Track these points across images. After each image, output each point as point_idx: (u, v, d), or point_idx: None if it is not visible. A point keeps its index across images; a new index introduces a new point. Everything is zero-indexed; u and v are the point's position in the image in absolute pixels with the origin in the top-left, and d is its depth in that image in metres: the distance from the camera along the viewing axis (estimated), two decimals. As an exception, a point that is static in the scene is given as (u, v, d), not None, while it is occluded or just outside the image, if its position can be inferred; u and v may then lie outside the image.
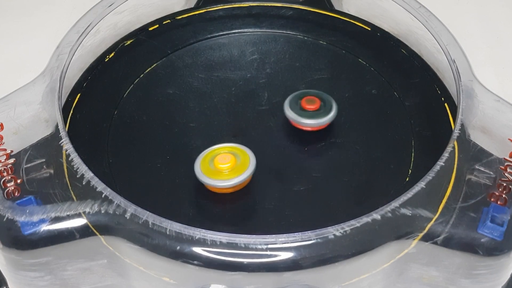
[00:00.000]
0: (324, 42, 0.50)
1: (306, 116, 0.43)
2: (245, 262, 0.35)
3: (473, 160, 0.40)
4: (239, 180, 0.40)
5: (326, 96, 0.44)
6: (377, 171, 0.42)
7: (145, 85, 0.47)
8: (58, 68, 0.43)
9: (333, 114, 0.43)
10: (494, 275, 0.39)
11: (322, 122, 0.43)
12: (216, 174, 0.40)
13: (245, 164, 0.40)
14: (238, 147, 0.41)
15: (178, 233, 0.36)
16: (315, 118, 0.43)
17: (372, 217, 0.36)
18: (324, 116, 0.43)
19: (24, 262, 0.38)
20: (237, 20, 0.51)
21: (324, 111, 0.43)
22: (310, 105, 0.43)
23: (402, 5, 0.48)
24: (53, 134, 0.40)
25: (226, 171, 0.40)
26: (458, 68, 0.43)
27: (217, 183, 0.40)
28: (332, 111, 0.43)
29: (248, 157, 0.41)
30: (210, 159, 0.41)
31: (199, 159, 0.41)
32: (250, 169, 0.40)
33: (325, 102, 0.44)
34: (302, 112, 0.43)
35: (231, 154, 0.40)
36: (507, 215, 0.37)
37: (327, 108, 0.43)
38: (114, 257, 0.39)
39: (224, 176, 0.40)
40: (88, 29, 0.46)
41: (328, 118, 0.43)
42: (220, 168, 0.40)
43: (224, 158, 0.40)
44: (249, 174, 0.40)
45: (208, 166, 0.40)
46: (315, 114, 0.43)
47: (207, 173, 0.40)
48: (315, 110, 0.43)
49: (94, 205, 0.37)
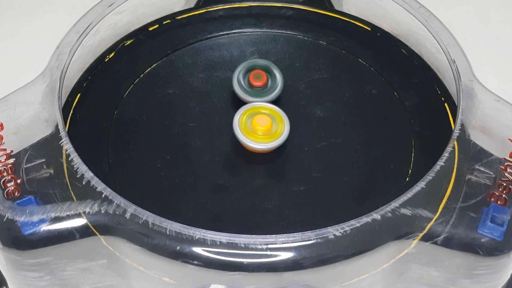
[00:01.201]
0: (324, 42, 0.50)
1: (254, 94, 0.45)
2: (245, 262, 0.36)
3: (473, 160, 0.40)
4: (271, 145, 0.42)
5: (274, 69, 0.46)
6: (377, 171, 0.42)
7: (145, 85, 0.47)
8: (58, 68, 0.43)
9: (278, 89, 0.45)
10: (494, 275, 0.39)
11: (270, 99, 0.45)
12: (250, 134, 0.42)
13: (279, 132, 0.42)
14: (277, 111, 0.43)
15: (178, 233, 0.36)
16: (262, 96, 0.45)
17: (372, 217, 0.36)
18: (271, 93, 0.45)
19: (24, 262, 0.38)
20: (237, 20, 0.51)
21: (271, 87, 0.45)
22: (257, 82, 0.45)
23: (402, 5, 0.48)
24: (53, 134, 0.40)
25: (260, 133, 0.42)
26: (458, 68, 0.43)
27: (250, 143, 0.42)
28: (278, 86, 0.45)
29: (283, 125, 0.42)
30: (248, 116, 0.43)
31: (239, 113, 0.43)
32: (283, 136, 0.42)
33: (272, 77, 0.45)
34: (250, 90, 0.45)
35: (269, 117, 0.42)
36: (507, 215, 0.37)
37: (274, 84, 0.45)
38: (114, 257, 0.39)
39: (258, 138, 0.42)
40: (88, 29, 0.46)
41: (275, 95, 0.45)
42: (256, 128, 0.42)
43: (262, 120, 0.42)
44: (281, 142, 0.42)
45: (245, 123, 0.43)
46: (262, 91, 0.45)
47: (244, 130, 0.42)
48: (262, 87, 0.45)
49: (94, 205, 0.37)
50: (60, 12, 0.63)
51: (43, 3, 0.65)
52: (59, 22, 0.60)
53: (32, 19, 0.64)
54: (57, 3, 0.65)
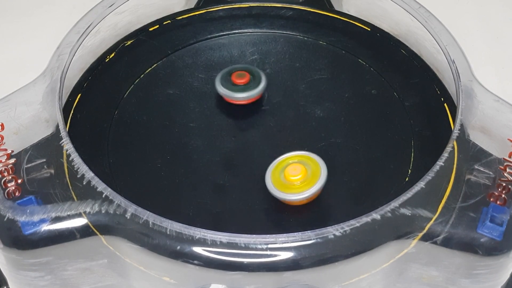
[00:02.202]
0: (324, 42, 0.50)
1: (237, 90, 0.44)
2: (245, 262, 0.36)
3: (472, 160, 0.40)
4: (311, 192, 0.39)
5: (255, 70, 0.46)
6: (377, 171, 0.42)
7: (146, 86, 0.47)
8: (59, 68, 0.43)
9: (263, 86, 0.45)
10: (493, 275, 0.39)
11: (254, 95, 0.45)
12: (286, 187, 0.39)
13: (316, 175, 0.39)
14: (308, 155, 0.40)
15: (178, 233, 0.36)
16: (246, 91, 0.44)
17: (372, 217, 0.36)
18: (255, 88, 0.45)
19: (25, 262, 0.38)
20: (237, 20, 0.51)
21: (254, 84, 0.45)
22: (240, 79, 0.45)
23: (402, 6, 0.49)
24: (53, 134, 0.41)
25: (297, 183, 0.39)
26: (457, 68, 0.44)
27: (289, 196, 0.39)
28: (261, 83, 0.45)
29: (319, 167, 0.39)
30: (280, 169, 0.40)
31: (270, 170, 0.40)
32: (322, 179, 0.39)
33: (254, 76, 0.45)
34: (234, 87, 0.45)
35: (301, 164, 0.39)
36: (507, 215, 0.37)
37: (256, 81, 0.45)
38: (114, 257, 0.39)
39: (295, 189, 0.39)
40: (89, 29, 0.46)
41: (259, 90, 0.45)
42: (291, 180, 0.39)
43: (295, 169, 0.39)
44: (321, 186, 0.39)
45: (279, 177, 0.40)
46: (246, 87, 0.45)
47: (278, 186, 0.39)
48: (246, 84, 0.45)
49: (94, 205, 0.37)
50: (60, 12, 0.63)
51: (43, 3, 0.65)
52: (59, 22, 0.60)
53: (32, 19, 0.64)
54: (57, 3, 0.65)
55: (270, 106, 0.46)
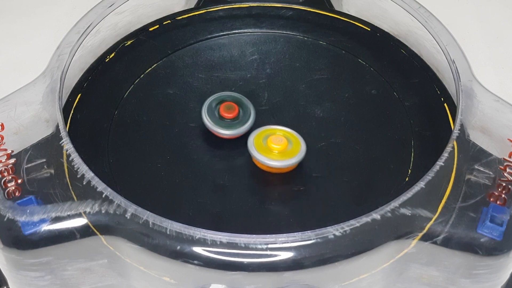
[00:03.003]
0: (324, 42, 0.50)
1: (223, 126, 0.43)
2: (245, 262, 0.36)
3: (472, 160, 0.40)
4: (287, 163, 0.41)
5: (245, 102, 0.44)
6: (377, 171, 0.42)
7: (146, 85, 0.47)
8: (59, 68, 0.43)
9: (250, 122, 0.43)
10: (493, 275, 0.39)
11: (240, 132, 0.43)
12: (266, 152, 0.41)
13: (295, 151, 0.41)
14: (293, 133, 0.42)
15: (178, 233, 0.36)
16: (232, 128, 0.43)
17: (371, 217, 0.36)
18: (242, 125, 0.43)
19: (25, 262, 0.38)
20: (237, 20, 0.51)
21: (242, 120, 0.43)
22: (228, 113, 0.43)
23: (402, 6, 0.49)
24: (53, 134, 0.41)
25: (275, 152, 0.41)
26: (457, 68, 0.44)
27: (266, 161, 0.41)
28: (249, 119, 0.43)
29: (300, 145, 0.42)
30: (264, 137, 0.42)
31: (253, 134, 0.42)
32: (299, 155, 0.41)
33: (244, 109, 0.44)
34: (220, 121, 0.43)
35: (285, 138, 0.42)
36: (507, 215, 0.37)
37: (246, 117, 0.43)
38: (114, 257, 0.39)
39: (274, 156, 0.41)
40: (89, 29, 0.46)
41: (246, 127, 0.43)
42: (271, 147, 0.41)
43: (278, 140, 0.41)
44: (296, 161, 0.41)
45: (261, 143, 0.42)
46: (232, 123, 0.43)
47: (259, 149, 0.41)
48: (233, 119, 0.43)
49: (94, 205, 0.37)
50: (60, 13, 0.63)
51: (43, 3, 0.65)
52: (59, 22, 0.61)
53: (32, 19, 0.64)
54: (57, 3, 0.65)
55: (270, 106, 0.46)
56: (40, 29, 0.62)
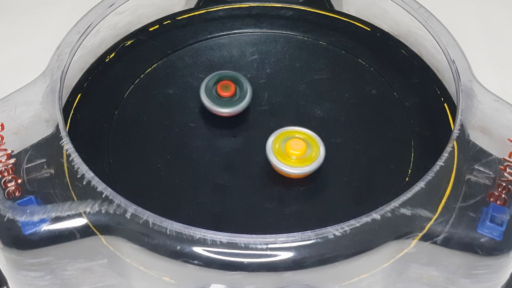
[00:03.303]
0: (324, 42, 0.50)
1: (222, 104, 0.44)
2: (245, 262, 0.36)
3: (472, 160, 0.40)
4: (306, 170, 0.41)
5: (241, 79, 0.45)
6: (377, 171, 0.42)
7: (146, 85, 0.47)
8: (59, 68, 0.43)
9: (247, 99, 0.44)
10: (493, 275, 0.39)
11: (238, 109, 0.44)
12: (284, 158, 0.41)
13: (314, 156, 0.41)
14: (311, 135, 0.42)
15: (178, 233, 0.36)
16: (231, 106, 0.44)
17: (371, 217, 0.36)
18: (240, 102, 0.44)
19: (25, 262, 0.38)
20: (237, 20, 0.51)
21: (239, 97, 0.44)
22: (225, 92, 0.44)
23: (402, 6, 0.49)
24: (53, 134, 0.41)
25: (293, 158, 0.41)
26: (457, 68, 0.44)
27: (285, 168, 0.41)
28: (247, 96, 0.44)
29: (319, 149, 0.41)
30: (282, 140, 0.42)
31: (272, 137, 0.42)
32: (318, 161, 0.41)
33: (241, 87, 0.45)
34: (218, 100, 0.44)
35: (303, 141, 0.41)
36: (507, 215, 0.37)
37: (242, 94, 0.44)
38: (114, 257, 0.39)
39: (292, 162, 0.41)
40: (89, 29, 0.46)
41: (243, 105, 0.44)
42: (290, 153, 0.41)
43: (296, 144, 0.41)
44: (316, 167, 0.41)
45: (279, 147, 0.41)
46: (230, 101, 0.44)
47: (277, 154, 0.41)
48: (231, 97, 0.44)
49: (94, 205, 0.37)
50: (60, 13, 0.63)
51: (43, 3, 0.65)
52: (59, 22, 0.61)
53: (32, 19, 0.64)
54: (57, 3, 0.65)
55: (270, 106, 0.46)
56: (40, 29, 0.62)
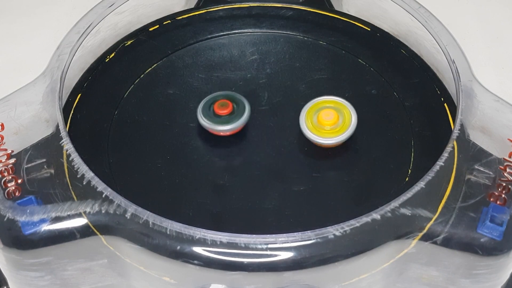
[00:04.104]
0: (324, 42, 0.50)
1: (220, 123, 0.43)
2: (245, 262, 0.36)
3: (472, 160, 0.40)
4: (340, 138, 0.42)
5: (238, 97, 0.44)
6: (377, 171, 0.42)
7: (146, 85, 0.47)
8: (59, 68, 0.43)
9: (246, 115, 0.43)
10: (493, 275, 0.39)
11: (237, 126, 0.43)
12: (318, 130, 0.42)
13: (347, 123, 0.43)
14: (342, 103, 0.44)
15: (178, 233, 0.36)
16: (229, 123, 0.43)
17: (372, 217, 0.36)
18: (238, 119, 0.43)
19: (25, 262, 0.38)
20: (237, 20, 0.51)
21: (237, 114, 0.43)
22: (222, 110, 0.43)
23: (402, 6, 0.49)
24: (53, 134, 0.41)
25: (327, 127, 0.42)
26: (457, 68, 0.44)
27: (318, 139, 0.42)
28: (245, 112, 0.43)
29: (350, 115, 0.43)
30: (314, 112, 0.43)
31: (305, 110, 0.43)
32: (351, 128, 0.43)
33: (238, 104, 0.43)
34: (216, 119, 0.43)
35: (334, 110, 0.43)
36: (507, 215, 0.37)
37: (240, 110, 0.43)
38: (114, 257, 0.39)
39: (325, 133, 0.42)
40: (89, 29, 0.46)
41: (242, 121, 0.43)
42: (323, 123, 0.42)
43: (328, 115, 0.42)
44: (349, 135, 0.42)
45: (312, 120, 0.43)
46: (229, 118, 0.43)
47: (310, 127, 0.43)
48: (229, 114, 0.43)
49: (94, 205, 0.37)
50: (60, 13, 0.63)
51: (43, 3, 0.65)
52: (59, 22, 0.61)
53: (32, 19, 0.64)
54: (57, 3, 0.65)
55: (270, 106, 0.46)
56: (40, 29, 0.62)
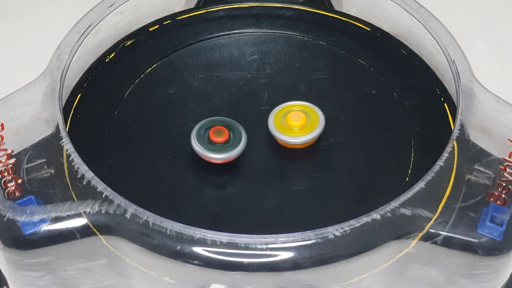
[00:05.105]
0: (324, 42, 0.50)
1: (214, 150, 0.41)
2: (245, 262, 0.36)
3: (472, 160, 0.40)
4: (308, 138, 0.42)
5: (235, 125, 0.42)
6: (377, 171, 0.42)
7: (146, 85, 0.47)
8: (59, 68, 0.43)
9: (242, 145, 0.41)
10: (493, 275, 0.39)
11: (231, 156, 0.41)
12: (287, 131, 0.43)
13: (315, 123, 0.43)
14: (309, 106, 0.44)
15: (178, 233, 0.36)
16: (224, 152, 0.41)
17: (372, 217, 0.36)
18: (233, 148, 0.41)
19: (25, 262, 0.38)
20: (237, 20, 0.51)
21: (233, 143, 0.42)
22: (218, 137, 0.42)
23: (402, 6, 0.49)
24: (53, 134, 0.41)
25: (296, 128, 0.43)
26: (457, 68, 0.44)
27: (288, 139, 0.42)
28: (241, 142, 0.42)
29: (318, 117, 0.43)
30: (283, 115, 0.43)
31: (273, 114, 0.43)
32: (319, 128, 0.43)
33: (234, 132, 0.42)
34: (210, 146, 0.41)
35: (303, 113, 0.43)
36: (507, 215, 0.37)
37: (236, 139, 0.42)
38: (114, 257, 0.39)
39: (295, 132, 0.42)
40: (89, 29, 0.46)
41: (238, 151, 0.41)
42: (291, 125, 0.43)
43: (297, 116, 0.43)
44: (318, 133, 0.43)
45: (281, 122, 0.43)
46: (223, 147, 0.41)
47: (279, 128, 0.43)
48: (224, 143, 0.41)
49: (94, 205, 0.37)
50: (60, 13, 0.63)
51: (43, 3, 0.65)
52: (59, 22, 0.61)
53: (32, 19, 0.64)
54: (57, 3, 0.65)
55: (270, 106, 0.46)
56: (40, 29, 0.62)
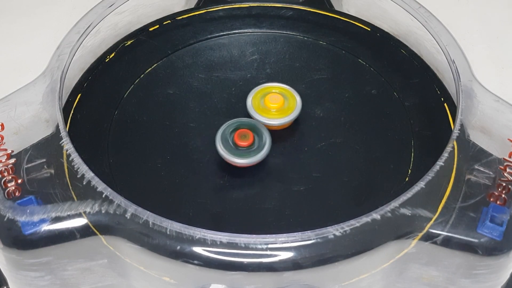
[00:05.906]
0: (324, 42, 0.50)
1: (238, 155, 0.41)
2: (245, 262, 0.36)
3: (472, 160, 0.40)
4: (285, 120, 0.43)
5: (259, 127, 0.42)
6: (377, 171, 0.42)
7: (146, 85, 0.47)
8: (59, 68, 0.43)
9: (266, 150, 0.41)
10: (493, 275, 0.39)
11: (256, 160, 0.41)
12: (265, 112, 0.43)
13: (292, 107, 0.44)
14: (288, 89, 0.45)
15: (178, 233, 0.36)
16: (248, 156, 0.41)
17: (372, 217, 0.36)
18: (257, 153, 0.41)
19: (25, 262, 0.38)
20: (237, 20, 0.51)
21: (257, 148, 0.42)
22: (243, 141, 0.42)
23: (402, 6, 0.49)
24: (53, 134, 0.41)
25: (273, 110, 0.43)
26: (457, 68, 0.44)
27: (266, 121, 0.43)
28: (265, 146, 0.42)
29: (296, 100, 0.44)
30: (261, 96, 0.44)
31: (251, 95, 0.44)
32: (296, 111, 0.43)
33: (259, 135, 0.42)
34: (235, 150, 0.41)
35: (281, 95, 0.44)
36: (507, 215, 0.37)
37: (261, 144, 0.42)
38: (114, 257, 0.39)
39: (272, 114, 0.43)
40: (89, 29, 0.46)
41: (262, 155, 0.41)
42: (269, 106, 0.43)
43: (275, 98, 0.44)
44: (294, 117, 0.43)
45: (259, 102, 0.44)
46: (248, 152, 0.41)
47: (257, 109, 0.43)
48: (248, 147, 0.42)
49: (94, 205, 0.37)
50: (60, 13, 0.63)
51: (43, 3, 0.65)
52: (59, 22, 0.61)
53: (32, 19, 0.64)
54: (57, 3, 0.65)
55: (270, 106, 0.46)
56: (40, 29, 0.62)
